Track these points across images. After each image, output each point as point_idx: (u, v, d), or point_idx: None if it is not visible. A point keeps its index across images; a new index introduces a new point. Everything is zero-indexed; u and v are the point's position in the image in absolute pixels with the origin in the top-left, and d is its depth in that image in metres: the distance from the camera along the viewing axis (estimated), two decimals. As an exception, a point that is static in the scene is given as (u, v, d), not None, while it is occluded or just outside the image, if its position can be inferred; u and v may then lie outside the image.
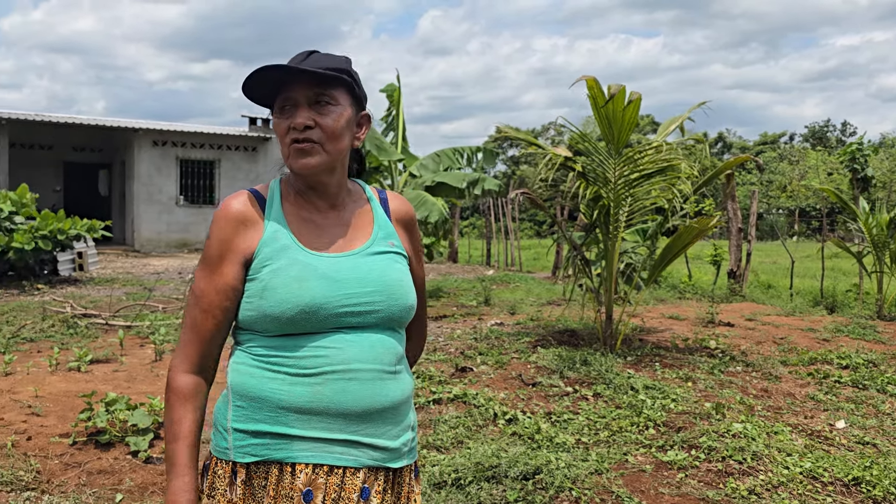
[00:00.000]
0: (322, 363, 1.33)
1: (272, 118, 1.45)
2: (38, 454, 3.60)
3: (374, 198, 1.55)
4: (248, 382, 1.35)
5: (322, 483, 1.33)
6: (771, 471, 3.66)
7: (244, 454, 1.34)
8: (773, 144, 52.37)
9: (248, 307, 1.37)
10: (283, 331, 1.35)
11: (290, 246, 1.37)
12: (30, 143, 21.91)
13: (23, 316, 8.01)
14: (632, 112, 5.50)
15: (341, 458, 1.34)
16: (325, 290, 1.34)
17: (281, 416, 1.32)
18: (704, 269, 14.03)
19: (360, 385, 1.35)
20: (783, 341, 6.81)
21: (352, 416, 1.34)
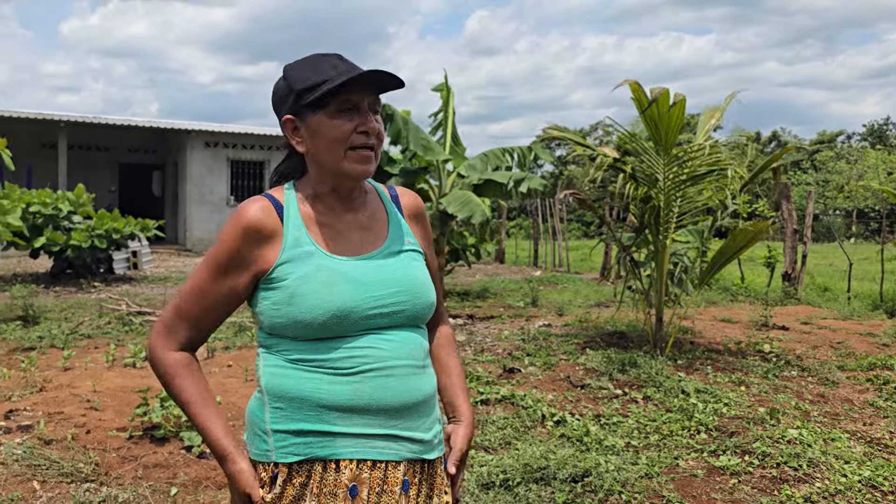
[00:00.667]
0: (359, 363, 1.35)
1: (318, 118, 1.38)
2: (97, 447, 3.71)
3: (385, 195, 1.56)
4: (286, 384, 1.36)
5: (366, 478, 1.35)
6: (828, 478, 3.55)
7: (287, 454, 1.34)
8: (830, 143, 50.86)
9: (277, 314, 1.36)
10: (315, 335, 1.35)
11: (313, 252, 1.37)
12: (87, 144, 22.61)
13: (80, 313, 8.27)
14: (677, 114, 5.41)
15: (383, 453, 1.36)
16: (353, 293, 1.35)
17: (322, 414, 1.34)
18: (758, 272, 13.70)
19: (398, 381, 1.37)
20: (840, 346, 6.61)
21: (391, 411, 1.36)
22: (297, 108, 1.39)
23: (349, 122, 1.36)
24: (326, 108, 1.36)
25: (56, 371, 5.36)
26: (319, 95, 1.35)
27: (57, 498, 3.12)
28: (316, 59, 1.40)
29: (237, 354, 6.15)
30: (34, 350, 6.19)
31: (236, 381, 5.14)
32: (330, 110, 1.36)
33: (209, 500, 3.19)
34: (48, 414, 4.18)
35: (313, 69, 1.38)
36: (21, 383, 4.87)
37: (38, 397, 4.53)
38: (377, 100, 1.42)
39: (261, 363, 1.41)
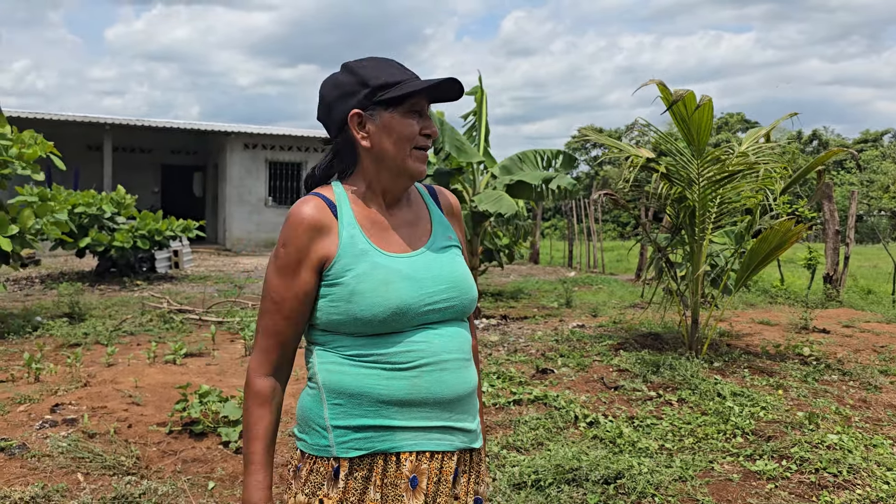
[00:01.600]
0: (416, 357, 1.39)
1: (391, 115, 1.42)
2: (138, 441, 3.81)
3: (425, 193, 1.61)
4: (344, 380, 1.39)
5: (425, 469, 1.40)
6: (869, 485, 3.47)
7: (348, 449, 1.38)
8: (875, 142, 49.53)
9: (335, 311, 1.40)
10: (373, 331, 1.39)
11: (368, 250, 1.41)
12: (131, 147, 23.15)
13: (124, 310, 8.48)
14: (706, 115, 5.37)
15: (440, 444, 1.41)
16: (410, 291, 1.39)
17: (382, 409, 1.37)
18: (798, 273, 13.42)
19: (451, 374, 1.42)
20: (884, 350, 6.45)
21: (445, 404, 1.42)
22: (368, 103, 1.42)
23: (417, 123, 1.43)
24: (400, 107, 1.42)
25: (100, 367, 5.51)
26: (401, 94, 1.40)
27: (100, 490, 3.21)
28: (379, 61, 1.46)
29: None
30: (79, 346, 6.38)
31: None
32: (402, 110, 1.42)
33: (245, 494, 3.26)
34: (92, 408, 4.30)
35: (382, 69, 1.43)
36: (67, 378, 5.02)
37: (83, 392, 4.66)
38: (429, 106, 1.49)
39: (315, 360, 1.44)
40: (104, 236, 11.22)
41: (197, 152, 24.38)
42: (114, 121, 19.60)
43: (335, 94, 1.45)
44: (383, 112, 1.42)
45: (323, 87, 1.49)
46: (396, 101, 1.41)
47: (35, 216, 7.46)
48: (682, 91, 5.21)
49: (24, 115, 18.37)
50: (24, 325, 7.19)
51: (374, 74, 1.42)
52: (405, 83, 1.41)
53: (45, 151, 7.44)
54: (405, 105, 1.42)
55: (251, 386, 1.43)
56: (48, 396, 4.55)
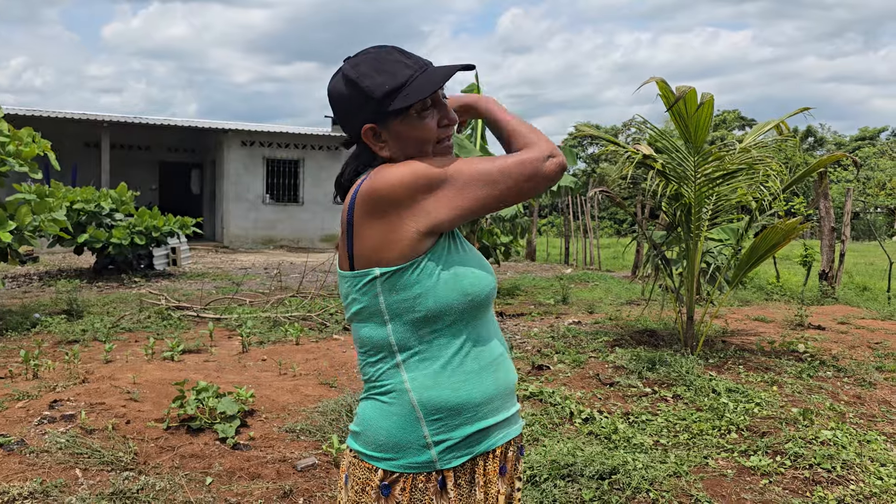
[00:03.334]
0: (493, 348, 1.43)
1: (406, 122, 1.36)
2: (136, 437, 3.83)
3: None
4: (442, 395, 1.35)
5: (510, 456, 1.48)
6: (863, 481, 3.50)
7: (451, 459, 1.36)
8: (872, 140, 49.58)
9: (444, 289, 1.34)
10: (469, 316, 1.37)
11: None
12: (129, 144, 23.13)
13: (122, 307, 8.49)
14: (706, 112, 5.37)
15: (510, 431, 1.48)
16: (487, 274, 1.43)
17: (478, 412, 1.38)
18: (794, 270, 13.47)
19: (508, 361, 1.48)
20: (879, 346, 6.48)
21: (510, 391, 1.47)
22: (378, 115, 1.35)
23: (432, 118, 1.37)
24: (411, 109, 1.35)
25: (98, 363, 5.52)
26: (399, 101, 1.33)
27: (98, 485, 3.23)
28: (381, 60, 1.36)
29: (271, 349, 6.27)
30: (78, 343, 6.39)
31: (270, 375, 5.24)
32: (415, 110, 1.36)
33: (242, 489, 3.28)
34: (90, 404, 4.32)
35: (384, 71, 1.34)
36: (65, 375, 5.04)
37: (81, 388, 4.68)
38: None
39: (403, 376, 1.36)
40: (102, 233, 11.23)
41: (194, 150, 24.37)
42: (111, 118, 19.59)
43: (344, 109, 1.39)
44: (394, 120, 1.35)
45: (330, 97, 1.41)
46: (405, 107, 1.34)
47: (33, 213, 7.47)
48: (684, 88, 5.20)
49: (21, 113, 18.36)
50: (22, 321, 7.20)
51: (378, 83, 1.33)
52: (411, 85, 1.33)
53: (43, 150, 7.45)
54: (417, 106, 1.35)
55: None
56: (46, 393, 4.56)
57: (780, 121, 6.22)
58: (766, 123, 6.34)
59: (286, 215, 21.50)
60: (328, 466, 3.57)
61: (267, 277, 12.68)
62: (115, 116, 20.00)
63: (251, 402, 4.32)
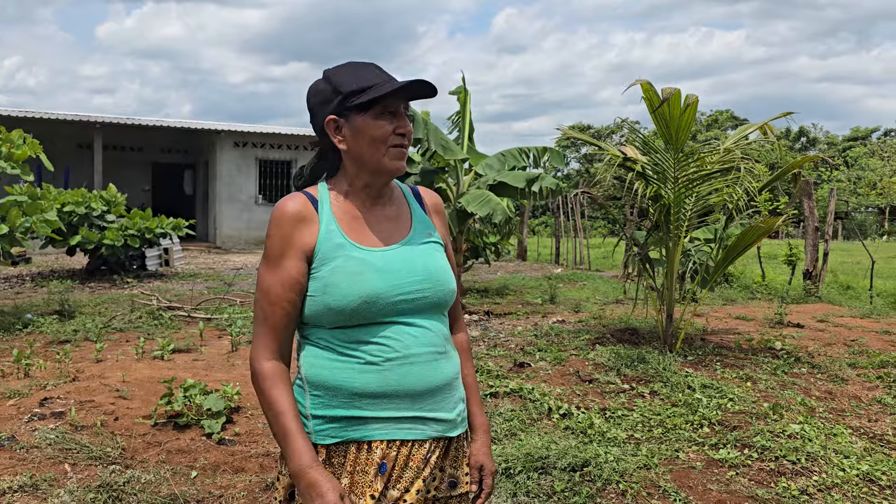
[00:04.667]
0: (385, 351, 1.49)
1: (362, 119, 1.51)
2: (124, 433, 3.94)
3: (408, 192, 1.71)
4: (322, 374, 1.50)
5: (394, 455, 1.51)
6: (826, 472, 3.63)
7: (325, 436, 1.50)
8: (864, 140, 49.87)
9: (313, 303, 1.51)
10: (347, 322, 1.49)
11: (344, 244, 1.51)
12: (121, 145, 23.19)
13: (114, 308, 8.59)
14: (688, 115, 5.50)
15: (410, 433, 1.52)
16: (381, 281, 1.49)
17: (355, 401, 1.49)
18: (779, 269, 13.63)
19: (420, 368, 1.52)
20: (854, 343, 6.62)
21: (415, 396, 1.51)
22: (342, 109, 1.52)
23: (390, 123, 1.52)
24: (371, 110, 1.51)
25: (89, 362, 5.63)
26: (369, 99, 1.49)
27: (86, 479, 3.34)
28: (356, 66, 1.55)
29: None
30: (69, 343, 6.49)
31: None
32: (374, 113, 1.51)
33: (226, 482, 3.40)
34: (80, 402, 4.43)
35: (356, 75, 1.53)
36: (56, 374, 5.14)
37: (72, 386, 4.79)
38: (408, 105, 1.58)
39: (301, 353, 1.56)
40: (94, 234, 11.32)
41: (187, 150, 24.43)
42: (104, 119, 19.65)
43: (315, 101, 1.57)
44: (356, 117, 1.51)
45: (307, 94, 1.60)
46: (367, 105, 1.50)
47: (24, 215, 7.56)
48: (670, 90, 5.31)
49: (13, 114, 18.41)
50: (14, 322, 7.29)
51: (347, 81, 1.52)
52: (375, 87, 1.50)
53: (35, 152, 7.54)
54: (376, 108, 1.51)
55: (258, 371, 1.50)
56: (37, 391, 4.67)
57: (763, 123, 6.36)
58: (747, 126, 6.48)
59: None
60: (310, 460, 3.69)
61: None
62: (107, 117, 20.06)
63: (237, 398, 4.44)
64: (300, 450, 1.44)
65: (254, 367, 1.51)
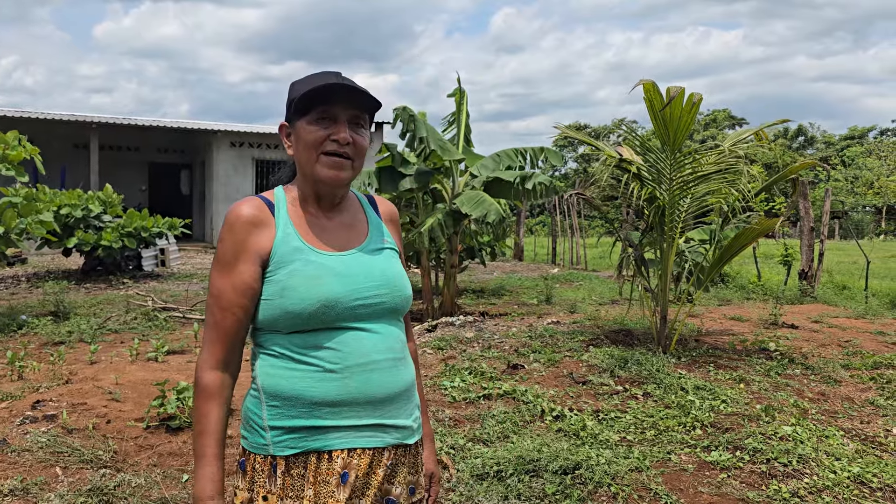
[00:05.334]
0: (344, 357, 1.46)
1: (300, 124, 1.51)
2: (116, 436, 3.94)
3: (364, 201, 1.70)
4: (280, 384, 1.46)
5: (356, 464, 1.47)
6: (817, 474, 3.64)
7: (283, 447, 1.45)
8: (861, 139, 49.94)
9: (269, 307, 1.47)
10: (303, 327, 1.46)
11: (301, 248, 1.49)
12: (118, 145, 23.16)
13: (109, 309, 8.58)
14: (689, 116, 5.49)
15: (371, 441, 1.49)
16: (339, 285, 1.47)
17: (314, 410, 1.45)
18: (775, 270, 13.64)
19: (380, 374, 1.49)
20: (848, 344, 6.63)
21: (376, 403, 1.49)
22: (289, 115, 1.54)
23: (324, 129, 1.49)
24: (308, 115, 1.50)
25: (83, 364, 5.63)
26: (302, 104, 1.48)
27: (77, 483, 3.34)
28: (316, 75, 1.53)
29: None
30: (63, 344, 6.48)
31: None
32: (310, 118, 1.50)
33: (218, 486, 3.39)
34: (72, 405, 4.42)
35: (308, 82, 1.51)
36: (49, 376, 5.14)
37: (64, 389, 4.78)
38: (360, 116, 1.53)
39: (256, 363, 1.51)
40: (90, 236, 11.30)
41: (184, 150, 24.40)
42: (100, 119, 19.62)
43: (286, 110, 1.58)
44: (297, 121, 1.51)
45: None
46: (302, 110, 1.50)
47: (19, 216, 7.55)
48: (676, 88, 5.29)
49: (9, 115, 18.38)
50: (9, 323, 7.29)
51: (298, 87, 1.51)
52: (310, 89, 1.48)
53: (30, 154, 7.53)
54: (313, 113, 1.49)
55: (198, 381, 1.48)
56: (30, 393, 4.66)
57: (759, 129, 6.38)
58: (744, 131, 6.51)
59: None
60: (302, 463, 3.69)
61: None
62: (104, 117, 20.03)
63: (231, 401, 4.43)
64: (208, 477, 1.42)
65: (196, 375, 1.49)
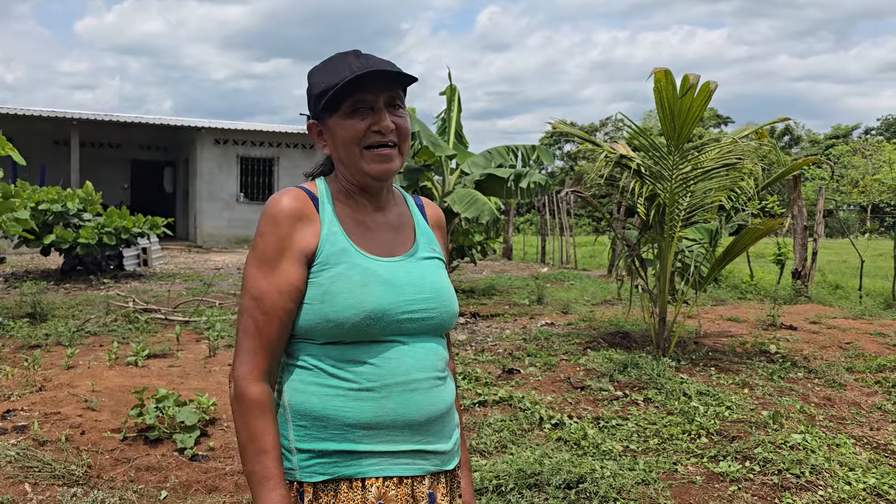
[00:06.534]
0: (383, 374, 1.31)
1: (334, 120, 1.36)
2: (91, 449, 3.70)
3: (410, 202, 1.54)
4: (310, 401, 1.31)
5: (393, 495, 1.31)
6: (831, 486, 3.47)
7: (312, 473, 1.30)
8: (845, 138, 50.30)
9: (308, 312, 1.31)
10: (342, 338, 1.30)
11: (347, 249, 1.33)
12: (99, 142, 22.75)
13: (88, 310, 8.30)
14: (699, 104, 5.29)
15: (408, 468, 1.33)
16: (387, 295, 1.31)
17: (348, 433, 1.29)
18: (768, 269, 13.55)
19: (421, 395, 1.33)
20: (849, 346, 6.50)
21: (415, 426, 1.33)
22: (317, 112, 1.38)
23: (362, 121, 1.34)
24: (340, 109, 1.34)
25: (58, 370, 5.37)
26: (330, 99, 1.33)
27: (47, 501, 3.11)
28: (334, 61, 1.37)
29: (239, 353, 6.13)
30: (39, 348, 6.21)
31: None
32: (344, 111, 1.34)
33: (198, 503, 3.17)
34: (45, 414, 4.18)
35: (329, 71, 1.36)
36: (22, 383, 4.88)
37: (37, 397, 4.53)
38: (396, 95, 1.37)
39: (283, 377, 1.36)
40: (69, 233, 10.99)
41: (167, 148, 24.04)
42: (81, 115, 19.24)
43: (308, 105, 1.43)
44: (329, 118, 1.37)
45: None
46: (334, 104, 1.34)
47: (-7, 214, 7.26)
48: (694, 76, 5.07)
49: (-13, 110, 17.96)
50: (-18, 326, 7.00)
51: (319, 81, 1.36)
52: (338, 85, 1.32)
53: (5, 151, 7.24)
54: (346, 106, 1.34)
55: (244, 395, 1.28)
56: (0, 402, 4.41)
57: (759, 127, 6.23)
58: (745, 127, 6.36)
59: (260, 214, 21.27)
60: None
61: (239, 278, 12.50)
62: (84, 114, 19.65)
63: (213, 410, 4.21)
64: (278, 500, 1.25)
65: (240, 388, 1.29)
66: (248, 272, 1.33)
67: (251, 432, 1.27)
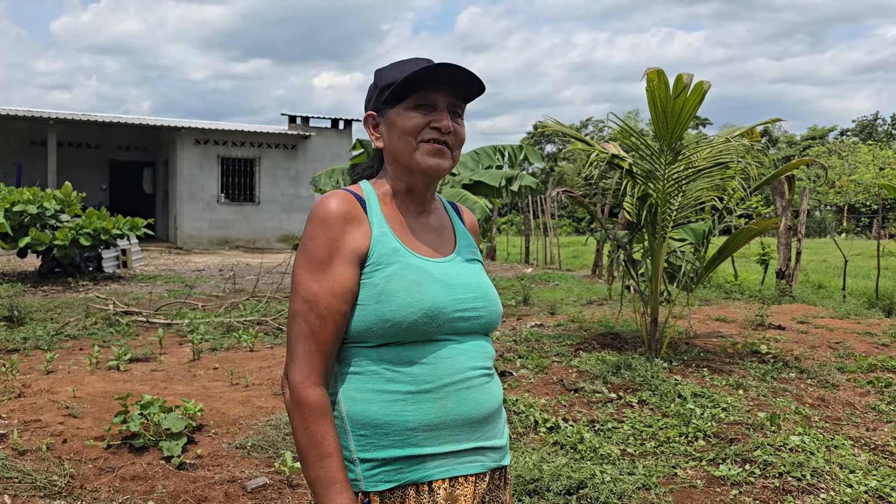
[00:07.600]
0: (440, 374, 1.32)
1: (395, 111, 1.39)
2: (73, 458, 3.56)
3: (448, 206, 1.58)
4: (370, 409, 1.30)
5: (460, 494, 1.33)
6: (833, 489, 3.43)
7: (377, 482, 1.30)
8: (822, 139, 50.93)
9: (363, 313, 1.31)
10: (399, 338, 1.31)
11: (399, 249, 1.35)
12: (77, 142, 22.39)
13: (67, 313, 8.10)
14: (695, 103, 5.25)
15: (472, 467, 1.35)
16: (442, 294, 1.34)
17: (410, 437, 1.30)
18: (751, 269, 13.61)
19: (476, 391, 1.36)
20: (839, 346, 6.49)
21: (474, 424, 1.35)
22: (378, 104, 1.42)
23: (423, 116, 1.37)
24: (404, 102, 1.38)
25: (37, 375, 5.20)
26: (396, 89, 1.36)
27: (28, 514, 2.97)
28: (403, 61, 1.44)
29: (224, 356, 6.00)
30: (17, 352, 6.03)
31: (222, 385, 4.99)
32: (407, 104, 1.38)
33: (188, 515, 3.05)
34: (24, 422, 4.03)
35: (398, 68, 1.41)
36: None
37: (16, 404, 4.37)
38: (458, 104, 1.42)
39: (337, 386, 1.35)
40: (45, 235, 10.75)
41: (146, 148, 23.72)
42: (58, 115, 18.92)
43: (365, 101, 1.48)
44: (389, 110, 1.40)
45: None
46: (397, 97, 1.38)
47: (-32, 215, 7.06)
48: (688, 76, 5.03)
49: (-39, 109, 17.58)
50: (-44, 330, 6.79)
51: (388, 74, 1.41)
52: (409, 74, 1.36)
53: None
54: (409, 100, 1.37)
55: (303, 400, 1.27)
56: (-23, 410, 4.25)
57: (751, 127, 6.21)
58: (737, 128, 6.34)
59: (242, 215, 21.04)
60: (280, 487, 3.36)
61: (221, 279, 12.32)
62: (61, 113, 19.32)
63: (200, 416, 4.08)
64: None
65: (298, 393, 1.28)
66: (298, 275, 1.33)
67: (312, 437, 1.27)
